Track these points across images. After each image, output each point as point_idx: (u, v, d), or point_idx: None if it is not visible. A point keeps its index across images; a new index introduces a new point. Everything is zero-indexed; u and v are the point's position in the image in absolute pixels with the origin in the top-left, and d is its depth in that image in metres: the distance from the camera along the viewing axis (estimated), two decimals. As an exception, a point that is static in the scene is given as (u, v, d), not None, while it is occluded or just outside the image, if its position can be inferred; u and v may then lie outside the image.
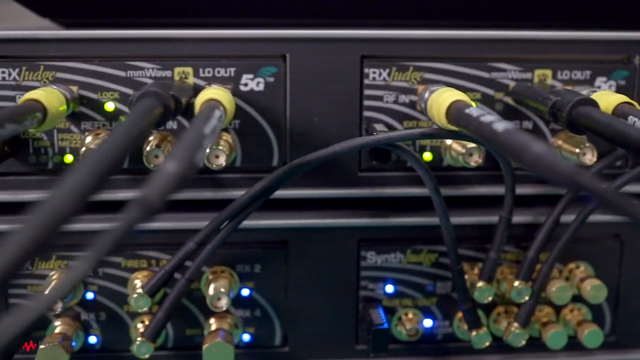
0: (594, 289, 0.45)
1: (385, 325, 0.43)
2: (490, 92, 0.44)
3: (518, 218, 0.45)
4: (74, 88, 0.42)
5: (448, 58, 0.44)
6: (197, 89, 0.41)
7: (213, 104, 0.36)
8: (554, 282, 0.45)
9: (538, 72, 0.44)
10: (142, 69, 0.43)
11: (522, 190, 0.45)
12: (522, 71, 0.44)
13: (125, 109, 0.43)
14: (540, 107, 0.40)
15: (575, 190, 0.42)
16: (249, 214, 0.41)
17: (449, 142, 0.44)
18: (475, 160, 0.43)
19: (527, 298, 0.44)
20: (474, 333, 0.45)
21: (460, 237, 0.45)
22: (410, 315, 0.46)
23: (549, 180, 0.26)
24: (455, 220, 0.45)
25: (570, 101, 0.38)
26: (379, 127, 0.42)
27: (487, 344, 0.45)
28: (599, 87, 0.45)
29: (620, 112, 0.39)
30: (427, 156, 0.45)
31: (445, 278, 0.46)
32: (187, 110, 0.40)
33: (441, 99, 0.37)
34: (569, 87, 0.44)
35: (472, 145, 0.42)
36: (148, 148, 0.40)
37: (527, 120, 0.45)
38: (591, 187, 0.25)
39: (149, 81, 0.43)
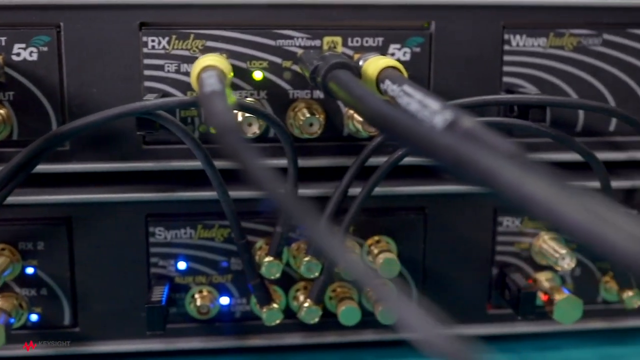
0: (386, 263, 0.43)
1: (162, 303, 0.42)
2: (277, 60, 0.43)
3: (314, 191, 0.44)
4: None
5: (231, 25, 0.42)
6: None
7: None
8: (345, 256, 0.43)
9: (327, 39, 0.43)
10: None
11: (313, 162, 0.44)
12: (310, 38, 0.43)
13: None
14: (306, 73, 0.39)
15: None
16: (11, 190, 0.40)
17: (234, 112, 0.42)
18: (254, 131, 0.41)
19: (317, 274, 0.43)
20: (264, 310, 0.43)
21: (255, 211, 0.44)
22: (204, 293, 0.45)
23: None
24: (249, 194, 0.43)
25: (326, 65, 0.36)
26: (151, 96, 0.41)
27: (277, 321, 0.43)
28: (392, 55, 0.43)
29: (382, 76, 0.38)
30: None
31: (240, 254, 0.45)
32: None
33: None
34: (359, 55, 0.42)
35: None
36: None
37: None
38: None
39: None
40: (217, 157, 0.42)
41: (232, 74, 0.39)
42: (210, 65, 0.36)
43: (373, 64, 0.39)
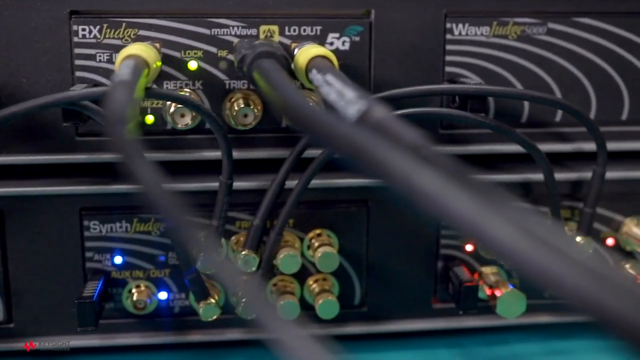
0: (324, 257, 0.42)
1: (93, 298, 0.41)
2: (212, 49, 0.42)
3: (251, 183, 0.43)
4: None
5: (164, 13, 0.41)
6: None
7: None
8: (283, 250, 0.42)
9: (264, 27, 0.42)
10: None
11: (250, 154, 0.43)
12: (246, 27, 0.42)
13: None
14: (236, 63, 0.38)
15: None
16: None
17: (168, 104, 0.41)
18: (186, 122, 0.40)
19: (254, 268, 0.42)
20: (201, 305, 0.42)
21: (190, 204, 0.43)
22: (142, 287, 0.44)
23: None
24: (184, 186, 0.42)
25: (253, 53, 0.35)
26: (78, 87, 0.40)
27: (214, 316, 0.43)
28: (331, 44, 0.42)
29: (310, 65, 0.37)
30: (150, 119, 0.42)
31: (178, 248, 0.44)
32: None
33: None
34: (296, 44, 0.41)
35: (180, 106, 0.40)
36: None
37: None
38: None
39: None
40: (145, 149, 0.42)
41: (158, 63, 0.38)
42: (131, 54, 0.35)
43: (304, 53, 0.38)
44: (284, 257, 0.42)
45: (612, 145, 0.46)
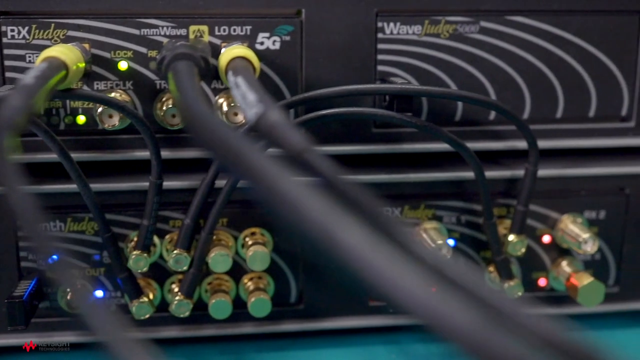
0: (254, 256, 0.43)
1: (23, 298, 0.41)
2: (142, 50, 0.42)
3: (182, 183, 0.43)
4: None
5: (93, 14, 0.41)
6: None
7: None
8: (214, 249, 0.43)
9: (193, 27, 0.42)
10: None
11: (182, 154, 0.43)
12: (176, 27, 0.42)
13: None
14: (156, 64, 0.38)
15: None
16: None
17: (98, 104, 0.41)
18: (114, 123, 0.41)
19: (185, 267, 0.42)
20: (133, 303, 0.43)
21: (123, 204, 0.43)
22: (77, 286, 0.44)
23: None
24: (115, 186, 0.43)
25: (170, 55, 0.35)
26: (3, 89, 0.40)
27: (147, 315, 0.43)
28: (261, 44, 0.42)
29: (229, 67, 0.37)
30: (82, 119, 0.42)
31: (113, 247, 0.44)
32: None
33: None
34: (226, 44, 0.42)
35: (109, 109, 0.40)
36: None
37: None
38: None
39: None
40: (77, 150, 0.42)
41: (81, 64, 0.39)
42: (47, 56, 0.35)
43: (226, 54, 0.38)
44: (214, 256, 0.42)
45: (547, 143, 0.46)
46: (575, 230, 0.46)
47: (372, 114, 0.42)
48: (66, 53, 0.36)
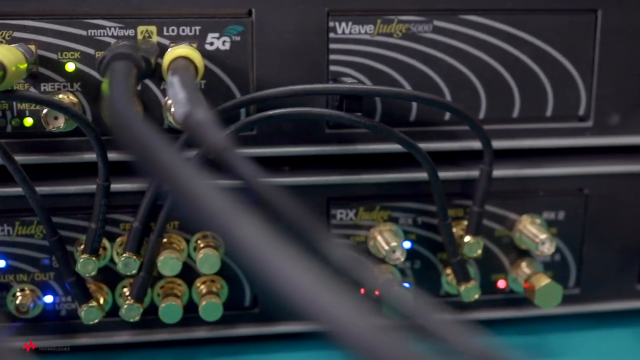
0: (204, 259, 0.42)
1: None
2: (90, 51, 0.41)
3: (132, 185, 0.43)
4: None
5: (40, 15, 0.41)
6: None
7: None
8: (164, 252, 0.42)
9: (141, 28, 0.41)
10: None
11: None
12: (124, 28, 0.41)
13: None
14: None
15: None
16: None
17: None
18: (59, 125, 0.40)
19: (134, 271, 0.42)
20: (82, 308, 0.42)
21: (72, 207, 0.43)
22: (26, 291, 0.43)
23: None
24: (63, 189, 0.42)
25: (109, 55, 0.35)
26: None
27: (96, 320, 0.42)
28: (211, 44, 0.42)
29: (170, 67, 0.37)
30: (29, 121, 0.42)
31: (62, 251, 0.44)
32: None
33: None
34: (174, 44, 0.41)
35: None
36: None
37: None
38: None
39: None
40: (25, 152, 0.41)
41: (22, 65, 0.38)
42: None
43: (169, 55, 0.38)
44: (163, 258, 0.42)
45: (504, 143, 0.46)
46: (533, 231, 0.45)
47: (321, 114, 0.41)
48: (4, 54, 0.36)
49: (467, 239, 0.44)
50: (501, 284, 0.47)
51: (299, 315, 0.18)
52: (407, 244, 0.46)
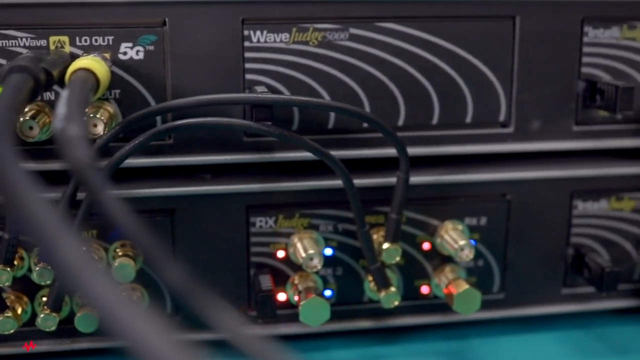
0: (119, 268, 0.42)
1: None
2: (2, 61, 0.41)
3: (46, 196, 0.43)
4: None
5: (-51, 26, 0.41)
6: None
7: None
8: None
9: (53, 38, 0.41)
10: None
11: (46, 166, 0.43)
12: (35, 38, 0.41)
13: None
14: (2, 76, 0.37)
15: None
16: None
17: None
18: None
19: (49, 281, 0.42)
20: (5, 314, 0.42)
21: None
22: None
23: None
24: None
25: (7, 67, 0.35)
26: None
27: (12, 330, 0.42)
28: (124, 54, 0.42)
29: (71, 78, 0.37)
30: (-57, 132, 0.42)
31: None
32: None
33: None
34: (87, 55, 0.41)
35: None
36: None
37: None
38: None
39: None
40: None
41: None
42: None
43: (73, 66, 0.38)
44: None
45: (423, 150, 0.46)
46: (454, 236, 0.45)
47: (230, 124, 0.41)
48: None
49: (385, 245, 0.44)
50: (425, 289, 0.47)
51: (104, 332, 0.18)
52: (328, 251, 0.46)
